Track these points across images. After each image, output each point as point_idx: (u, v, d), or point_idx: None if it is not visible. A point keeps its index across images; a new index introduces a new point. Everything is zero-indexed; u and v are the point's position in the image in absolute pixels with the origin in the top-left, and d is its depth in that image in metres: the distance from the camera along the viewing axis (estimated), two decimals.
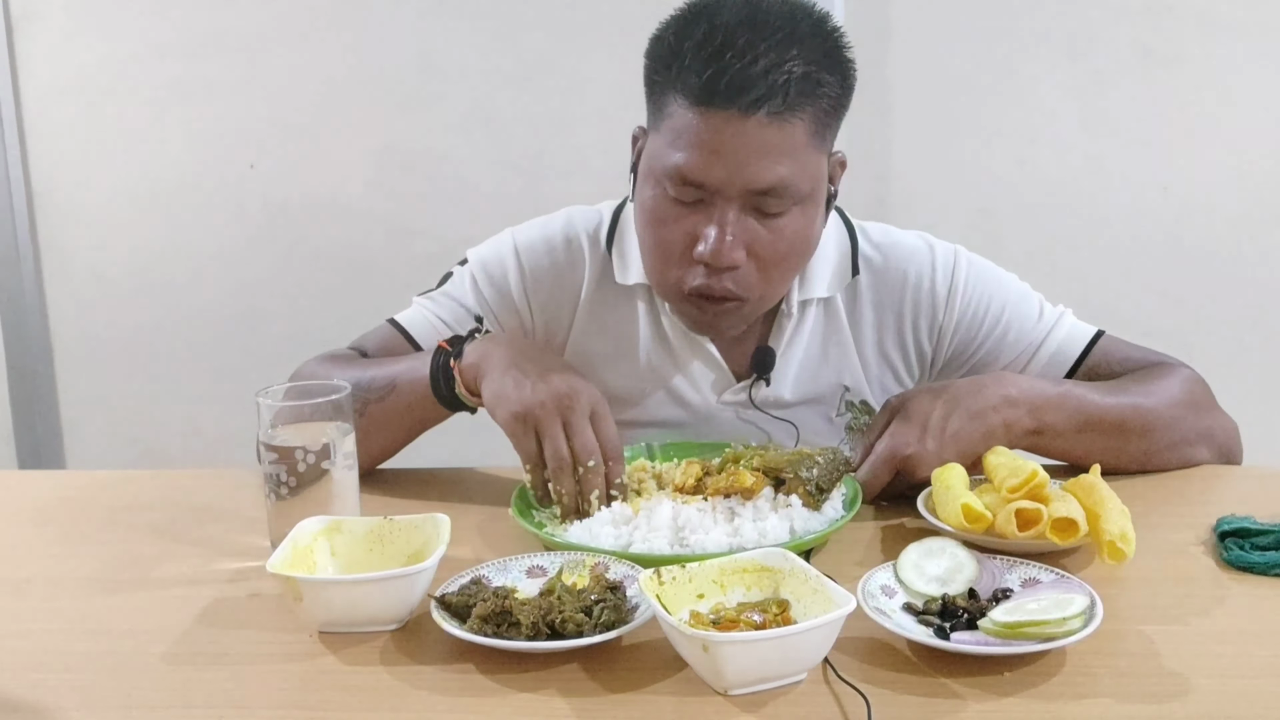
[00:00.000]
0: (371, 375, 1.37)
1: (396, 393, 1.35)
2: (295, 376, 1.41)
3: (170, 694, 0.93)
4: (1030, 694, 0.89)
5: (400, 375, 1.35)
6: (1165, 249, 2.51)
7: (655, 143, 1.31)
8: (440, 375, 1.31)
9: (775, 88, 1.22)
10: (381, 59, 2.55)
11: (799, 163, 1.27)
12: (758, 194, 1.27)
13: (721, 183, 1.27)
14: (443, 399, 1.32)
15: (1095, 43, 2.43)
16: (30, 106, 2.65)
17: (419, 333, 1.47)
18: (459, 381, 1.29)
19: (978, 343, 1.48)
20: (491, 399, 1.24)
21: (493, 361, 1.26)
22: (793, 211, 1.30)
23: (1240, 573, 1.10)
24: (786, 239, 1.31)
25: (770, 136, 1.24)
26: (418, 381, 1.33)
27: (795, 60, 1.23)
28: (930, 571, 1.05)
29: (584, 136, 2.52)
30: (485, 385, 1.26)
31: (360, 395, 1.34)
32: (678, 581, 0.98)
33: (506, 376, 1.24)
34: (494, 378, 1.25)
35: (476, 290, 1.49)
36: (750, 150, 1.25)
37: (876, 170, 2.49)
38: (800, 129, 1.25)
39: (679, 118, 1.26)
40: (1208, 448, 1.40)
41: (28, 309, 2.72)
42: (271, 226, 2.65)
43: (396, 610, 1.01)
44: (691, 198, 1.29)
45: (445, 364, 1.31)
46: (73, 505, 1.37)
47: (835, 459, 1.23)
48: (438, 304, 1.49)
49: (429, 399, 1.32)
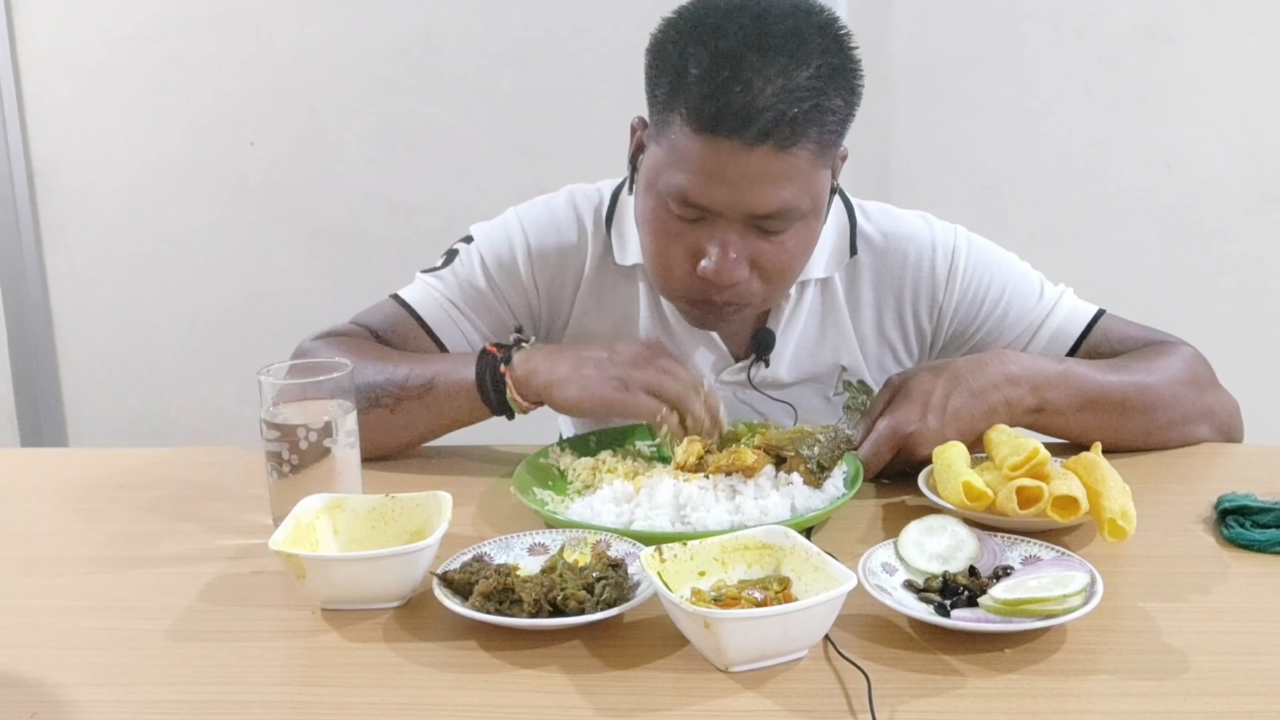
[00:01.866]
0: (406, 371, 1.35)
1: (434, 393, 1.34)
2: (296, 357, 1.40)
3: (173, 670, 0.93)
4: (1030, 671, 0.89)
5: (439, 375, 1.34)
6: (1168, 227, 2.51)
7: (656, 154, 1.29)
8: (489, 380, 1.30)
9: (781, 120, 1.19)
10: (382, 37, 2.55)
11: (803, 185, 1.26)
12: (761, 217, 1.26)
13: (724, 207, 1.25)
14: (490, 403, 1.31)
15: (1098, 21, 2.42)
16: (30, 84, 2.64)
17: (428, 314, 1.46)
18: (510, 388, 1.29)
19: (978, 323, 1.48)
20: (580, 394, 1.25)
21: (555, 367, 1.27)
22: (796, 226, 1.29)
23: (1240, 550, 1.10)
24: (789, 251, 1.31)
25: (775, 166, 1.22)
26: (460, 383, 1.32)
27: (802, 89, 1.20)
28: (931, 549, 1.05)
29: (585, 114, 2.51)
30: (563, 390, 1.26)
31: (393, 390, 1.34)
32: (679, 559, 0.98)
33: (582, 369, 1.26)
34: (569, 378, 1.26)
35: (484, 270, 1.48)
36: (754, 178, 1.23)
37: (878, 149, 2.48)
38: (805, 155, 1.23)
39: (682, 139, 1.24)
40: (1209, 426, 1.40)
41: (29, 288, 2.72)
42: (272, 204, 2.65)
43: (399, 587, 1.01)
44: (693, 216, 1.28)
45: (495, 370, 1.30)
46: (75, 483, 1.37)
47: (837, 437, 1.23)
48: (446, 284, 1.48)
49: (472, 402, 1.31)
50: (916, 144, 2.50)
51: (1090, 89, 2.45)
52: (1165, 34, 2.41)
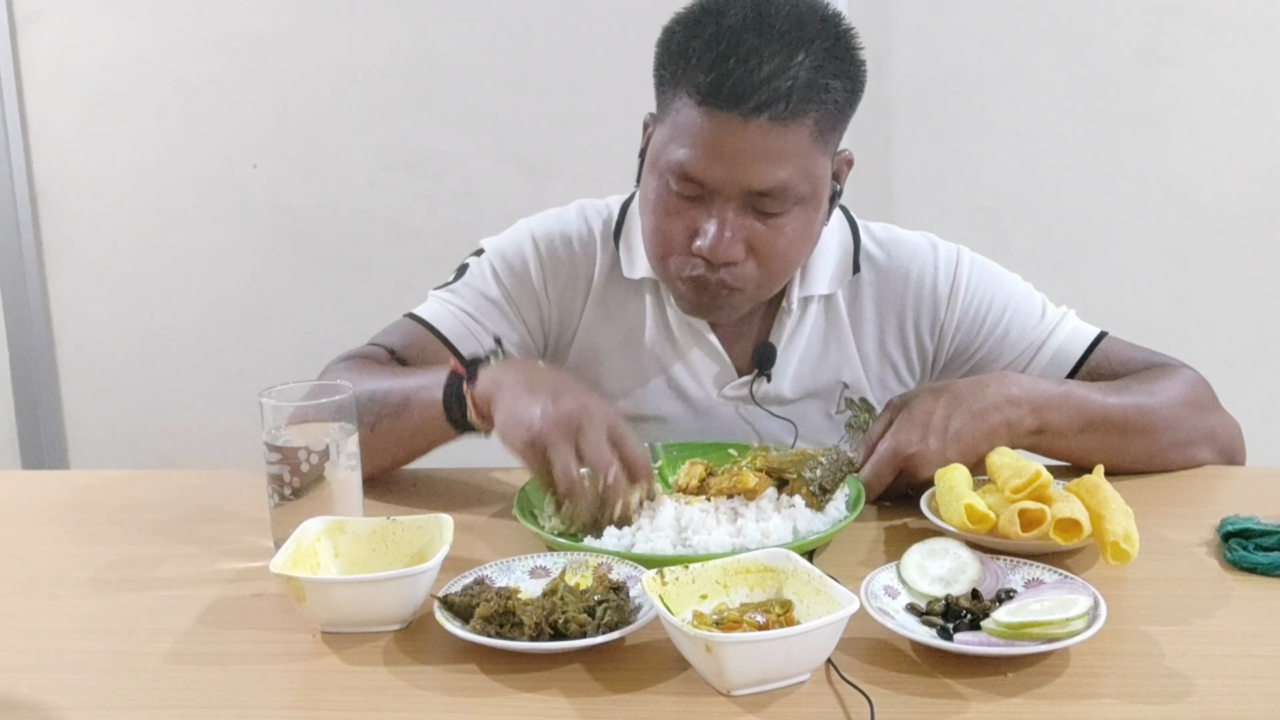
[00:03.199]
0: (387, 388, 1.33)
1: (409, 411, 1.32)
2: (323, 378, 1.39)
3: (173, 694, 0.93)
4: (1033, 695, 0.89)
5: (413, 394, 1.32)
6: (1168, 248, 2.51)
7: (661, 134, 1.32)
8: (453, 399, 1.28)
9: (779, 93, 1.22)
10: (384, 59, 2.56)
11: (800, 165, 1.28)
12: (757, 194, 1.28)
13: (721, 182, 1.27)
14: (455, 423, 1.28)
15: (1100, 42, 2.43)
16: (34, 105, 2.65)
17: (445, 326, 1.46)
18: (471, 408, 1.26)
19: (979, 342, 1.48)
20: (503, 426, 1.20)
21: (504, 388, 1.22)
22: (793, 211, 1.31)
23: (1244, 573, 1.10)
24: (786, 237, 1.32)
25: (772, 141, 1.25)
26: (431, 404, 1.29)
27: (801, 65, 1.23)
28: (933, 572, 1.05)
29: (587, 135, 2.52)
30: (497, 413, 1.22)
31: (374, 409, 1.32)
32: (681, 582, 0.98)
33: (518, 403, 1.19)
34: (505, 404, 1.21)
35: (497, 279, 1.48)
36: (751, 153, 1.25)
37: (879, 168, 2.49)
38: (803, 133, 1.26)
39: (683, 115, 1.27)
40: (1210, 448, 1.40)
41: (31, 309, 2.72)
42: (275, 226, 2.66)
43: (399, 611, 1.01)
44: (692, 193, 1.30)
45: (459, 389, 1.27)
46: (76, 505, 1.37)
47: (838, 459, 1.23)
48: (459, 295, 1.48)
49: (440, 421, 1.29)
50: (917, 164, 2.51)
51: (1091, 110, 2.46)
52: (1166, 55, 2.42)
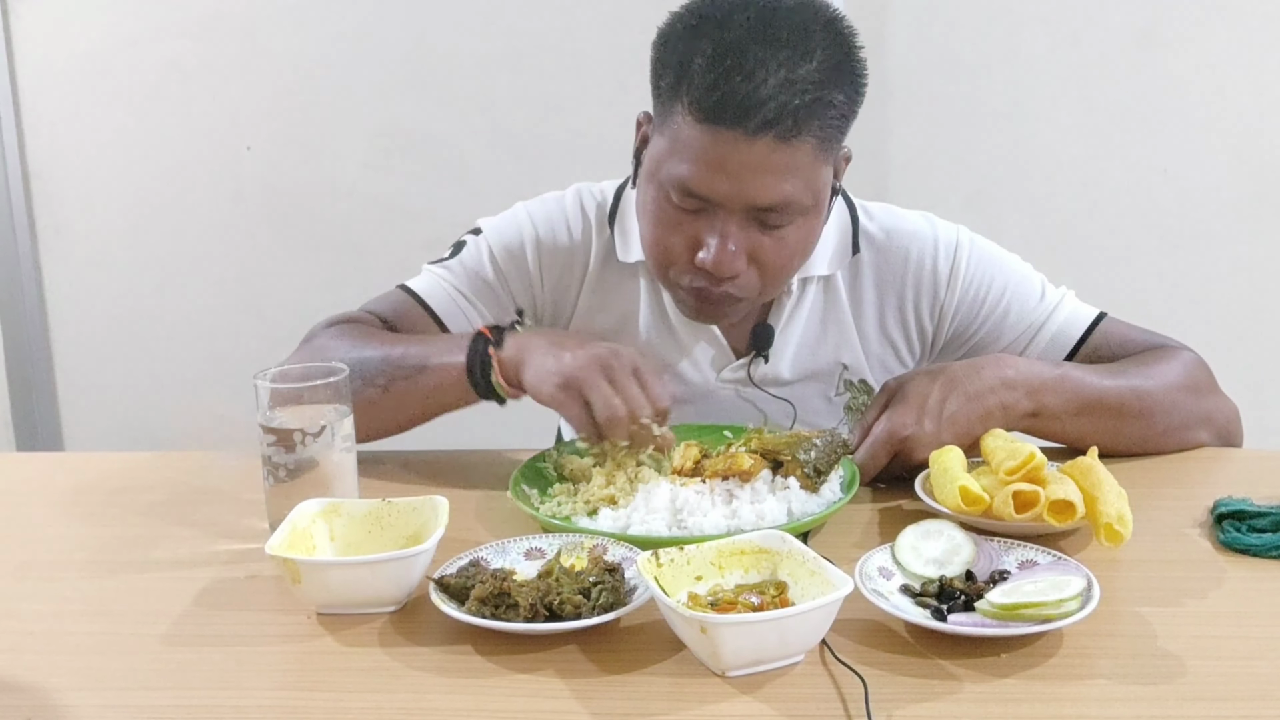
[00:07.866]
0: (401, 352, 1.34)
1: (426, 373, 1.32)
2: (307, 341, 1.40)
3: (168, 675, 0.93)
4: (1027, 675, 0.89)
5: (432, 356, 1.32)
6: (1164, 232, 2.51)
7: (659, 145, 1.30)
8: (478, 362, 1.28)
9: (783, 112, 1.20)
10: (378, 41, 2.55)
11: (804, 179, 1.26)
12: (761, 209, 1.26)
13: (725, 198, 1.26)
14: (477, 386, 1.29)
15: (1095, 26, 2.43)
16: (26, 88, 2.64)
17: (437, 303, 1.46)
18: (496, 370, 1.27)
19: (979, 323, 1.48)
20: (534, 379, 1.22)
21: (532, 349, 1.25)
22: (796, 222, 1.30)
23: (1237, 555, 1.10)
24: (789, 246, 1.31)
25: (776, 158, 1.23)
26: (451, 366, 1.29)
27: (805, 81, 1.20)
28: (928, 553, 1.05)
29: (582, 119, 2.51)
30: (526, 372, 1.24)
31: (387, 371, 1.32)
32: (676, 563, 0.98)
33: (546, 356, 1.22)
34: (534, 361, 1.23)
35: (493, 261, 1.48)
36: (755, 170, 1.23)
37: (874, 154, 2.48)
38: (806, 148, 1.24)
39: (684, 129, 1.25)
40: (1208, 431, 1.40)
41: (25, 292, 2.72)
42: (269, 209, 2.65)
43: (395, 592, 1.01)
44: (694, 206, 1.28)
45: (484, 351, 1.28)
46: (71, 488, 1.37)
47: (833, 441, 1.23)
48: (454, 274, 1.48)
49: (461, 384, 1.29)
50: (913, 148, 2.50)
51: (1087, 94, 2.46)
52: (1161, 39, 2.42)
